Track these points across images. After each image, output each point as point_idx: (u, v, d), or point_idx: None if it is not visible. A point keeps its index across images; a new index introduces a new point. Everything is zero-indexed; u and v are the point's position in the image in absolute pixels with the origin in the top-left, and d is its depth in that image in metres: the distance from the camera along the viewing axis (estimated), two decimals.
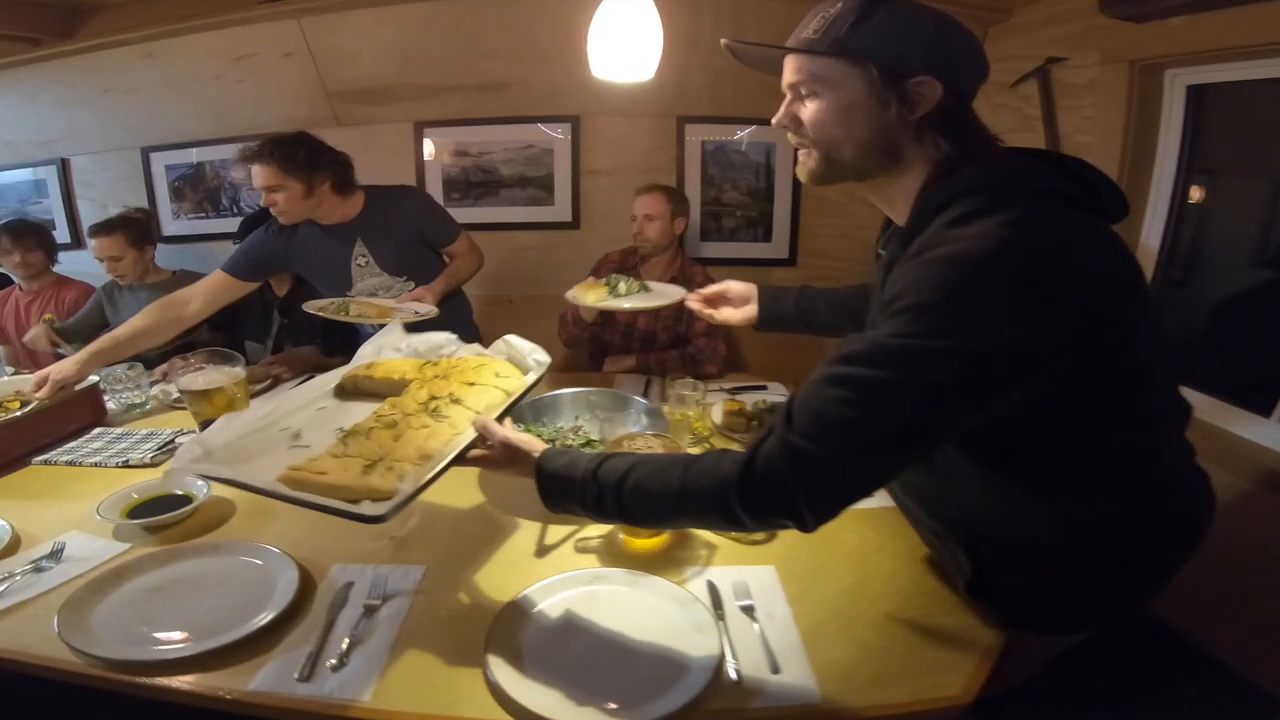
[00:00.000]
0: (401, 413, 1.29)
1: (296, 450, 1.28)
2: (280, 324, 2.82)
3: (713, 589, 1.25)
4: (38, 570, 1.32)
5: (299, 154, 2.20)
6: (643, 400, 1.94)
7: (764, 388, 2.40)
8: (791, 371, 2.83)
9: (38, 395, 1.94)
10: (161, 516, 1.47)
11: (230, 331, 2.83)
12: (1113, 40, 2.31)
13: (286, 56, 3.19)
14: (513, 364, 1.51)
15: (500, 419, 1.25)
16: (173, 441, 1.90)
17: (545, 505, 1.10)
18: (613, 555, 1.38)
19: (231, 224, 3.61)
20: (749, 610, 1.20)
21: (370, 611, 1.21)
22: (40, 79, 3.33)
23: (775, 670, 1.06)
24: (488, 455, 1.19)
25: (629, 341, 2.74)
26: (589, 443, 1.80)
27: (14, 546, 1.42)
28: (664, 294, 2.20)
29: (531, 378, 1.42)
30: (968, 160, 0.96)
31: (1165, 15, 2.11)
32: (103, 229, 2.88)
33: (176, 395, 2.22)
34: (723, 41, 1.08)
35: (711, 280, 2.71)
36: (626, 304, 2.15)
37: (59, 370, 1.98)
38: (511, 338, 1.56)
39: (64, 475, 1.77)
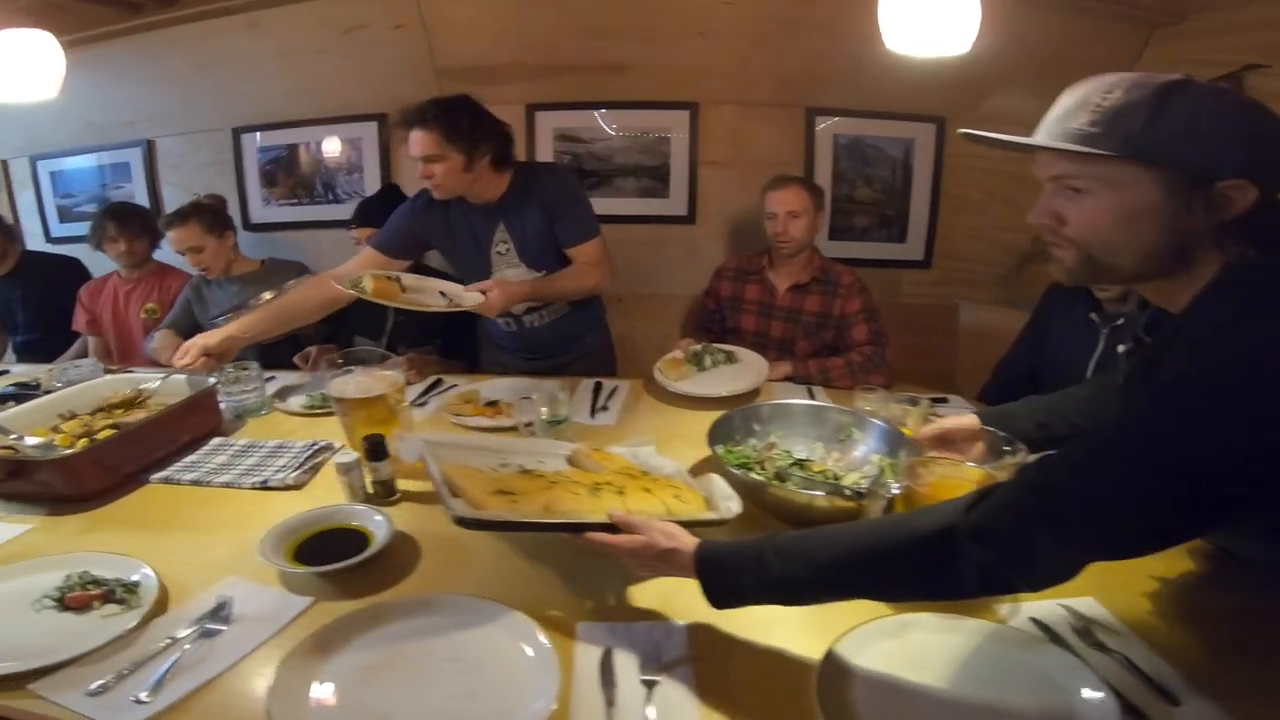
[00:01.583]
0: (567, 479, 1.23)
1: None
2: (395, 320, 2.48)
3: (1043, 626, 1.03)
4: (205, 635, 1.00)
5: (463, 121, 1.88)
6: (878, 421, 1.55)
7: (944, 399, 2.01)
8: (940, 378, 2.50)
9: (182, 362, 1.68)
10: (343, 563, 1.14)
11: (339, 325, 2.48)
12: None
13: (398, 29, 2.87)
14: (702, 498, 1.26)
15: None
16: (315, 457, 1.57)
17: (712, 601, 0.95)
18: None
19: (324, 211, 3.32)
20: (1099, 645, 0.99)
21: (650, 687, 0.92)
22: (129, 53, 3.02)
23: (1175, 702, 0.89)
24: (620, 544, 1.02)
25: (761, 351, 2.35)
26: (798, 463, 1.47)
27: (164, 602, 1.09)
28: (749, 366, 2.12)
29: (708, 517, 1.19)
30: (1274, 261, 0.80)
31: None
32: (175, 220, 2.56)
33: (311, 400, 1.90)
34: (961, 132, 0.96)
35: (859, 281, 2.39)
36: (720, 390, 1.96)
37: (207, 340, 1.72)
38: (718, 478, 1.29)
39: (190, 499, 1.45)
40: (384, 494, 1.41)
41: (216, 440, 1.69)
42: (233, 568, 1.18)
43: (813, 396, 2.02)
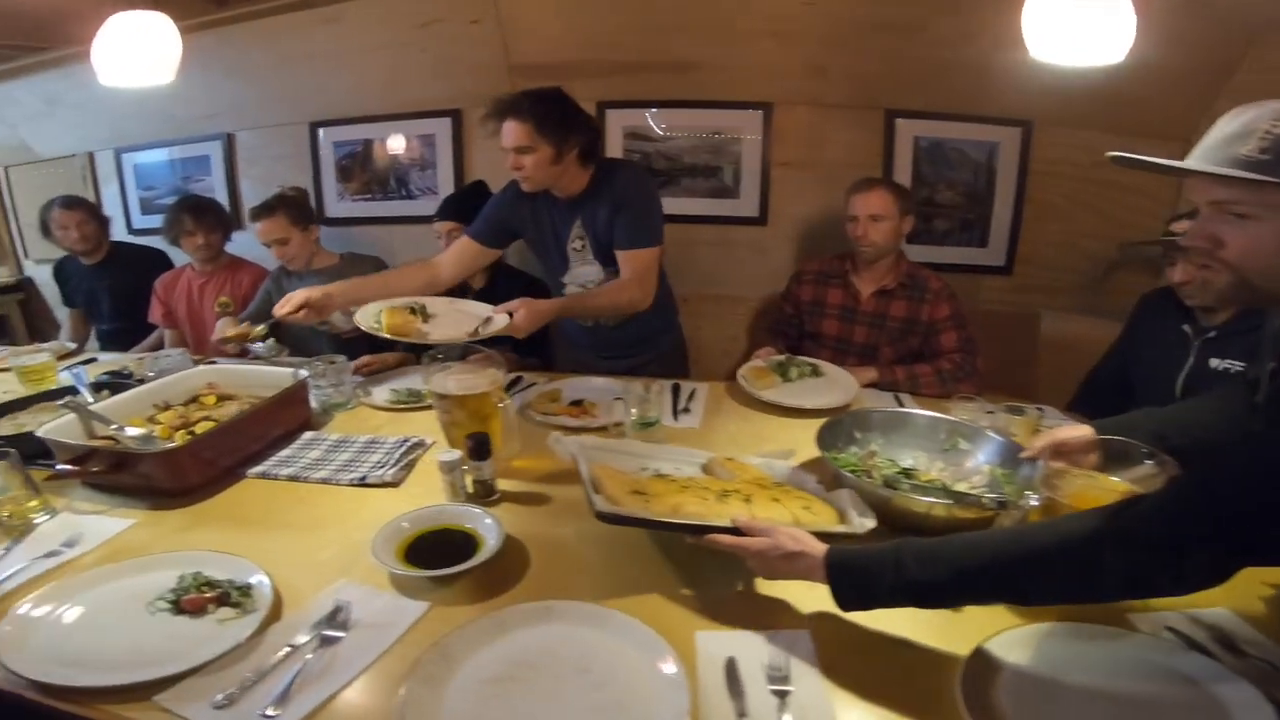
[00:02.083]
0: (698, 484, 1.24)
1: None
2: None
3: (1180, 634, 1.00)
4: (325, 643, 0.96)
5: (554, 114, 1.84)
6: (990, 431, 1.47)
7: (1039, 410, 1.88)
8: (1018, 388, 2.37)
9: (282, 311, 1.70)
10: (461, 567, 1.09)
11: None
12: None
13: (473, 24, 2.82)
14: (834, 512, 1.22)
15: None
16: (410, 453, 1.53)
17: (842, 603, 0.95)
18: None
19: (398, 207, 3.30)
20: (1238, 651, 0.96)
21: (781, 697, 0.88)
22: (212, 46, 3.00)
23: None
24: (746, 545, 1.03)
25: (842, 357, 2.26)
26: (904, 471, 1.40)
27: (278, 606, 1.04)
28: (836, 380, 2.03)
29: (838, 530, 1.15)
30: None
31: None
32: (263, 211, 2.55)
33: (397, 394, 1.87)
34: (1110, 155, 0.91)
35: (948, 287, 2.28)
36: (811, 403, 1.88)
37: (309, 293, 1.73)
38: (849, 493, 1.24)
39: (286, 494, 1.42)
40: (483, 494, 1.37)
41: (308, 435, 1.66)
42: (341, 569, 1.14)
43: (900, 404, 1.93)
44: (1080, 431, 1.30)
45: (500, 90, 3.00)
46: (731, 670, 0.93)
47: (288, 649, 0.95)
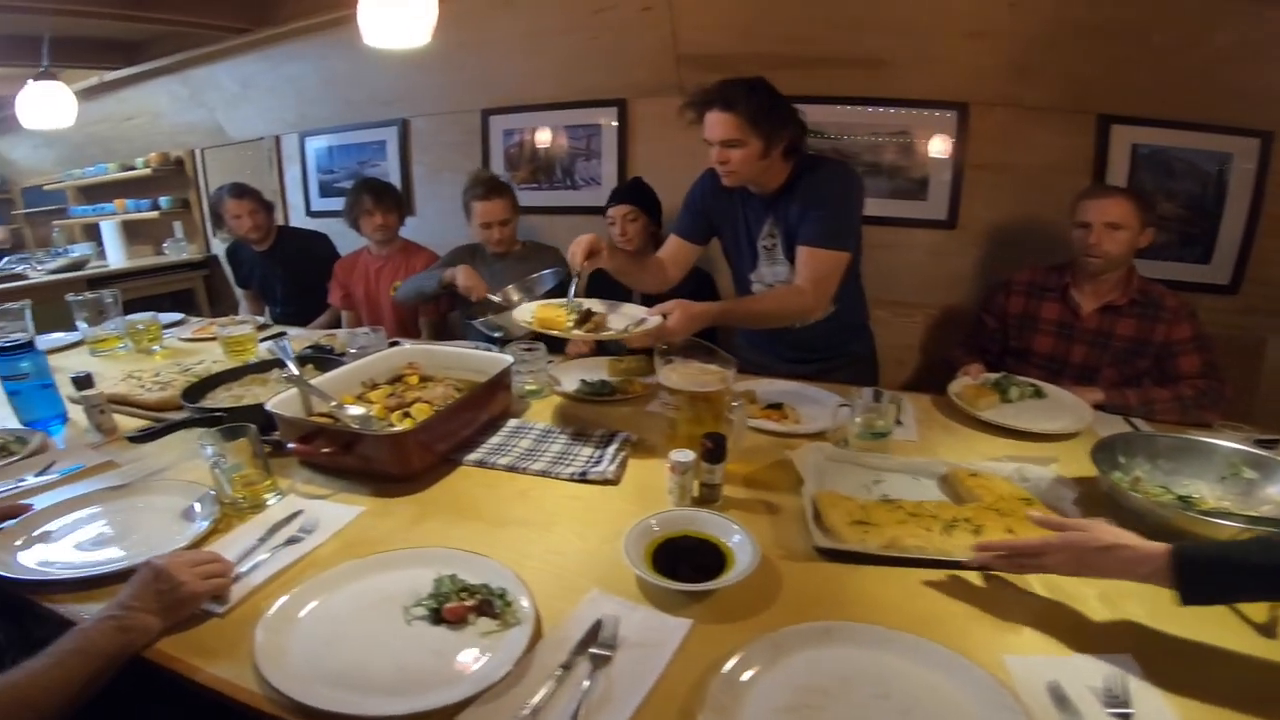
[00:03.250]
0: (925, 512, 1.15)
1: None
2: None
3: None
4: (596, 664, 0.84)
5: (766, 106, 1.66)
6: None
7: None
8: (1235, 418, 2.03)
9: (579, 250, 1.61)
10: (721, 582, 0.96)
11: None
12: None
13: (645, 11, 2.68)
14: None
15: None
16: (622, 448, 1.40)
17: (1187, 595, 0.86)
18: None
19: (562, 197, 3.22)
20: None
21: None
22: None
23: None
24: (1055, 541, 0.95)
25: (1055, 377, 1.98)
26: (1182, 499, 1.22)
27: (538, 619, 0.91)
28: (1061, 403, 1.77)
29: None
30: None
31: None
32: (492, 192, 2.50)
33: (589, 385, 1.74)
34: None
35: (1187, 305, 1.97)
36: (1041, 426, 1.62)
37: (595, 239, 1.64)
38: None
39: (505, 485, 1.31)
40: (708, 498, 1.22)
41: (514, 422, 1.55)
42: (587, 574, 1.02)
43: (1135, 429, 1.66)
44: None
45: (666, 80, 2.90)
46: (1058, 695, 0.81)
47: (559, 670, 0.82)
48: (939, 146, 2.71)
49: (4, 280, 3.64)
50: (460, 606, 0.90)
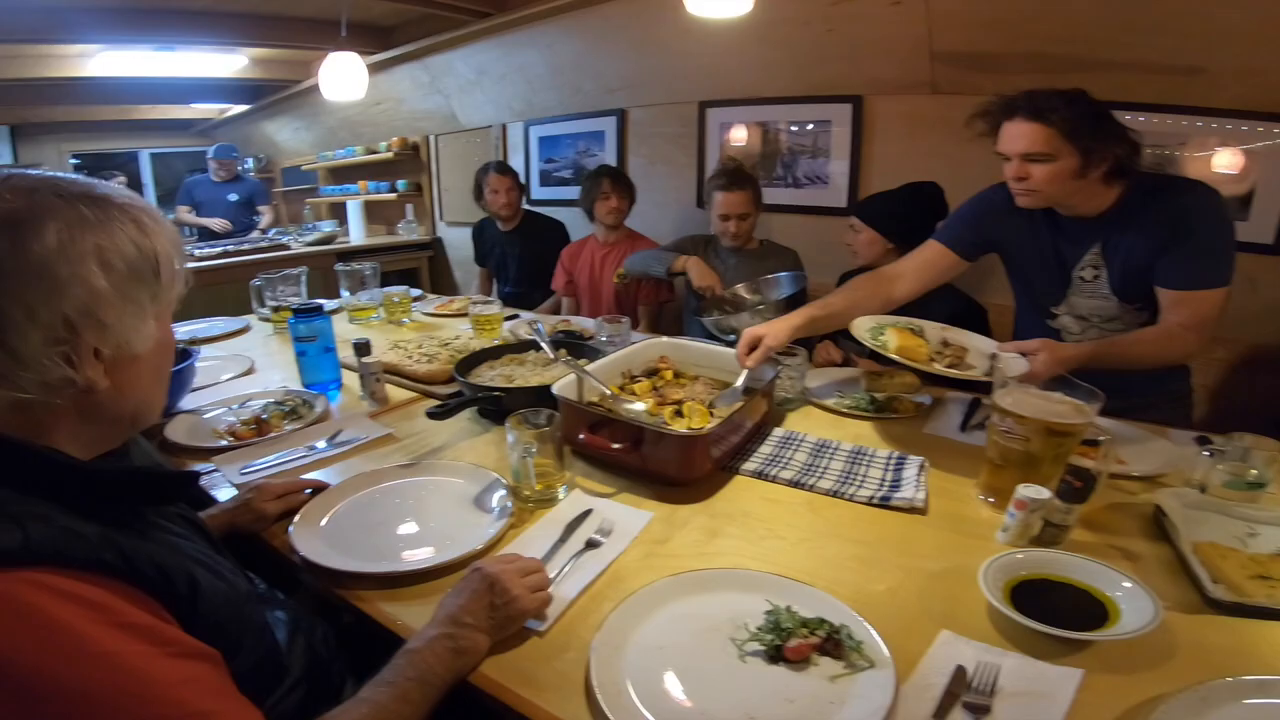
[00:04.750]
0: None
1: None
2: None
3: None
4: (977, 715, 0.70)
5: (1089, 118, 1.38)
6: None
7: None
8: None
9: (748, 363, 1.43)
10: (1108, 634, 0.81)
11: None
12: None
13: (895, 5, 2.44)
14: None
15: None
16: (920, 473, 1.23)
17: None
18: None
19: (782, 195, 3.03)
20: None
21: None
22: (621, 17, 2.96)
23: None
24: None
25: None
26: None
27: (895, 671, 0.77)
28: None
29: None
30: None
31: None
32: (736, 184, 2.38)
33: (856, 400, 1.58)
34: None
35: None
36: None
37: (774, 336, 1.45)
38: None
39: (797, 501, 1.18)
40: (1051, 539, 1.04)
41: (780, 432, 1.43)
42: (925, 613, 0.88)
43: None
44: None
45: (915, 78, 2.63)
46: None
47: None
48: (1269, 159, 2.24)
49: (273, 250, 4.04)
50: (804, 645, 0.78)
